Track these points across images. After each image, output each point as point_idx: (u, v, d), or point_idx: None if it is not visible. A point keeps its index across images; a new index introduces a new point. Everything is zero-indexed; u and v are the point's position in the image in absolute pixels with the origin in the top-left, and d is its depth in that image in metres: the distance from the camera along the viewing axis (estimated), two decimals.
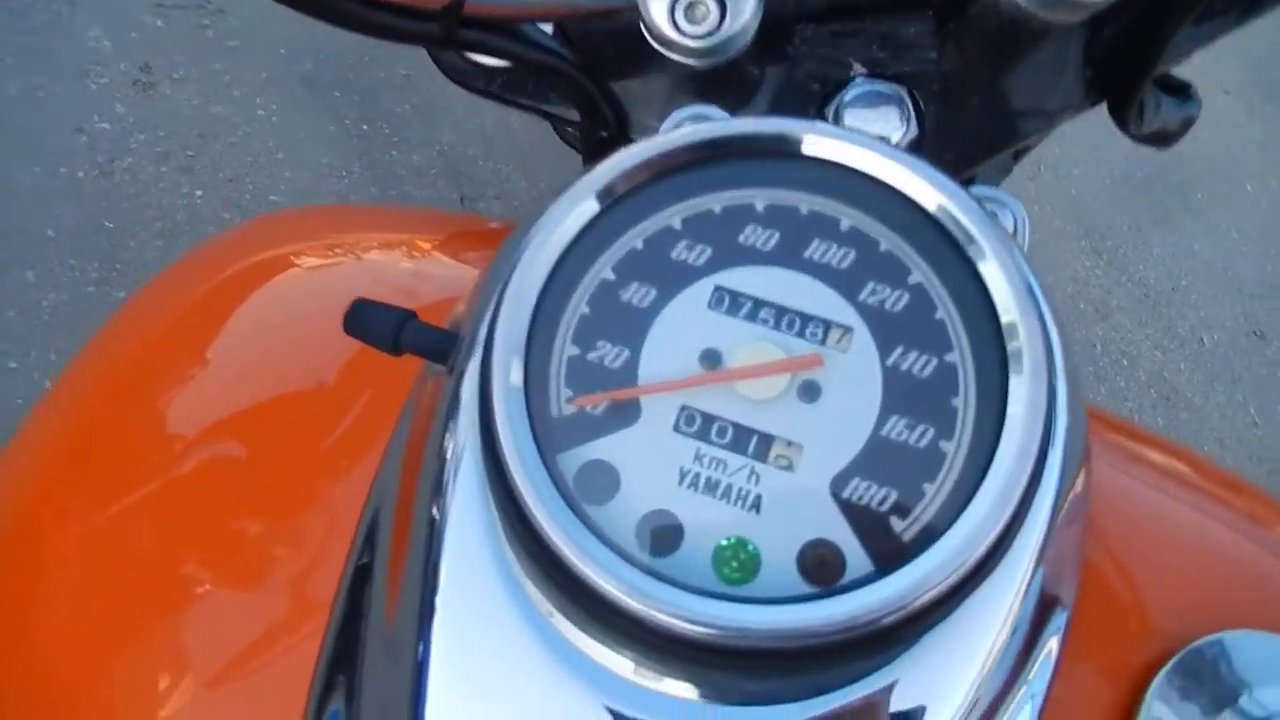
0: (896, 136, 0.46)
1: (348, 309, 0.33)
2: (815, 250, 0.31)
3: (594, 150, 0.52)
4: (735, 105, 0.47)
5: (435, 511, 0.30)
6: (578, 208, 0.31)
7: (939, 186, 0.31)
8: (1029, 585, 0.28)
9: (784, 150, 0.31)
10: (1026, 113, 0.49)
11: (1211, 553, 0.40)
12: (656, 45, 0.44)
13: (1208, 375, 2.13)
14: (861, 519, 0.27)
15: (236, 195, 1.73)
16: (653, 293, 0.30)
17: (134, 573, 0.44)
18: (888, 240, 0.30)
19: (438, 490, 0.30)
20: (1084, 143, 2.30)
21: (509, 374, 0.28)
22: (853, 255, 0.30)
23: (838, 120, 0.46)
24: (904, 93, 0.47)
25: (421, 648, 0.29)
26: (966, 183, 0.35)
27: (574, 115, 0.52)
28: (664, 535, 0.27)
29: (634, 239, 0.31)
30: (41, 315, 1.52)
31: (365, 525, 0.37)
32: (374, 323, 0.32)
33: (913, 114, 0.47)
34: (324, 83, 1.93)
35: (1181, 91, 0.51)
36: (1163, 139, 0.50)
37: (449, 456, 0.30)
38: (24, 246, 1.56)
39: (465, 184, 1.88)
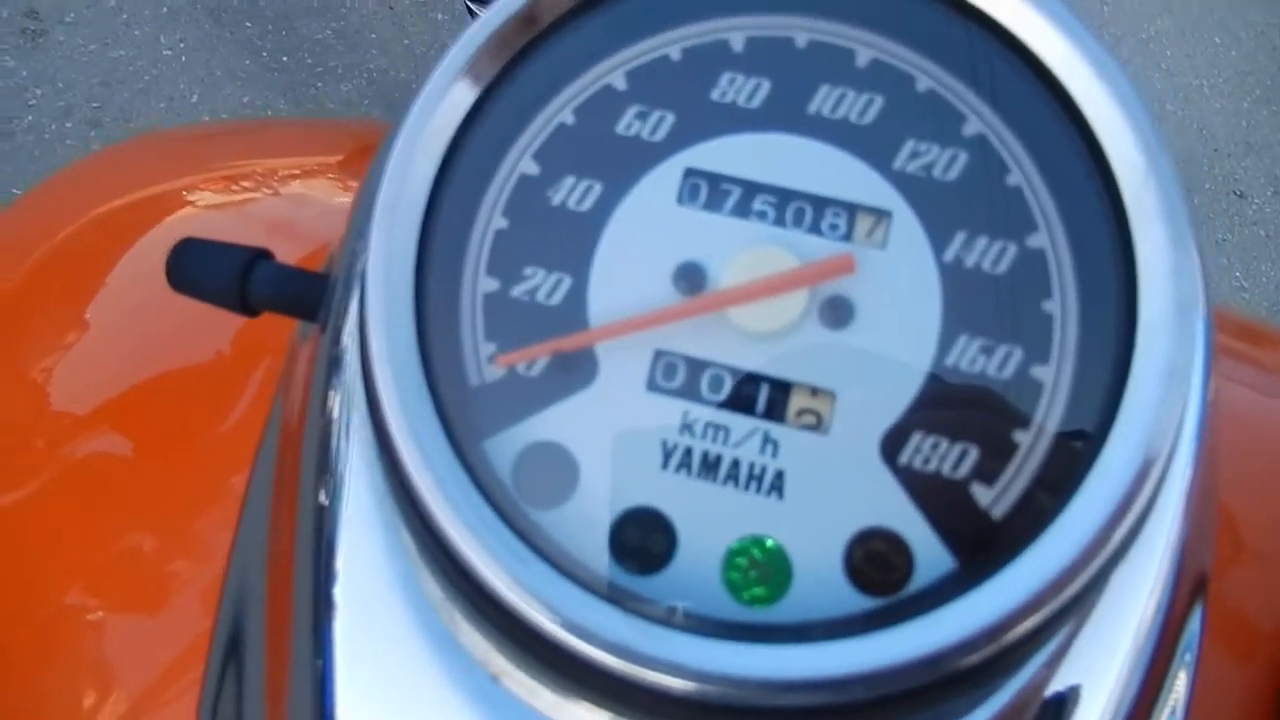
0: None
1: (171, 254, 0.23)
2: (824, 101, 0.21)
3: None
4: None
5: (322, 521, 0.21)
6: (469, 71, 0.21)
7: None
8: (1174, 554, 0.19)
9: None
10: None
11: None
12: None
13: None
14: (929, 493, 0.18)
15: None
16: (596, 188, 0.21)
17: (8, 606, 0.36)
18: (928, 74, 0.21)
19: (324, 489, 0.21)
20: None
21: (393, 328, 0.19)
22: (879, 103, 0.21)
23: None
24: None
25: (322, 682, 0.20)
26: None
27: None
28: (648, 545, 0.18)
29: (560, 110, 0.21)
30: None
31: (243, 523, 0.28)
32: (212, 270, 0.23)
33: None
34: (232, 12, 1.77)
35: None
36: None
37: (332, 445, 0.21)
38: None
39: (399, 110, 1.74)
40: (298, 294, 0.23)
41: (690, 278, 0.20)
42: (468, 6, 0.44)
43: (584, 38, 0.21)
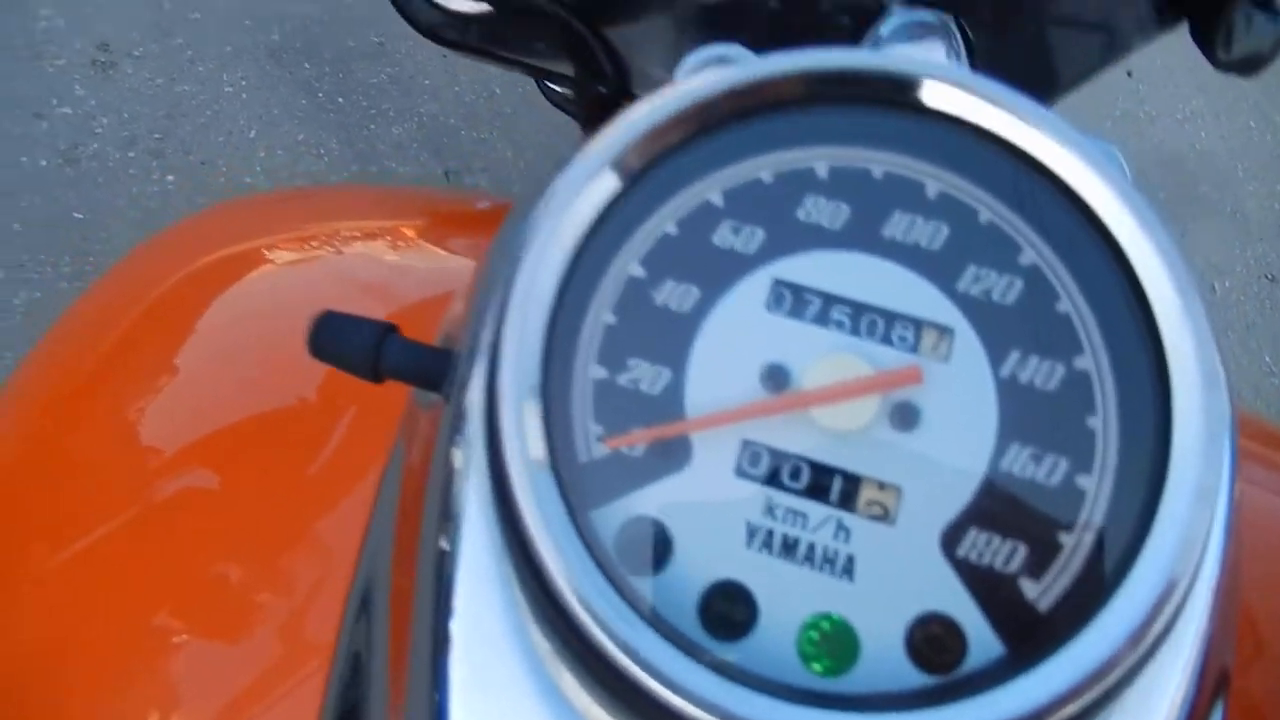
0: None
1: (312, 325, 0.26)
2: (896, 226, 0.24)
3: (593, 111, 0.46)
4: (756, 44, 0.40)
5: (442, 565, 0.24)
6: (591, 183, 0.24)
7: (1051, 132, 0.24)
8: (1200, 650, 0.22)
9: (857, 92, 0.25)
10: (1092, 40, 0.42)
11: None
12: None
13: (1220, 324, 2.07)
14: (983, 584, 0.21)
15: (210, 179, 1.64)
16: (695, 292, 0.24)
17: (96, 622, 0.39)
18: (990, 208, 0.24)
19: (445, 537, 0.24)
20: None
21: (523, 411, 0.22)
22: (945, 230, 0.24)
23: None
24: (950, 22, 0.40)
25: None
26: None
27: (565, 69, 0.45)
28: (733, 613, 0.21)
29: (664, 222, 0.24)
30: (14, 315, 1.44)
31: (359, 591, 0.31)
32: (346, 341, 0.26)
33: (962, 47, 0.40)
34: (293, 54, 1.84)
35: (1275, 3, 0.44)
36: (1252, 64, 0.43)
37: (453, 500, 0.24)
38: None
39: (449, 156, 1.80)
40: (423, 367, 0.26)
41: (776, 378, 0.23)
42: (539, 84, 0.46)
43: (690, 159, 0.25)
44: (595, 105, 0.45)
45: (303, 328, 0.43)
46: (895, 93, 0.24)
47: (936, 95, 0.25)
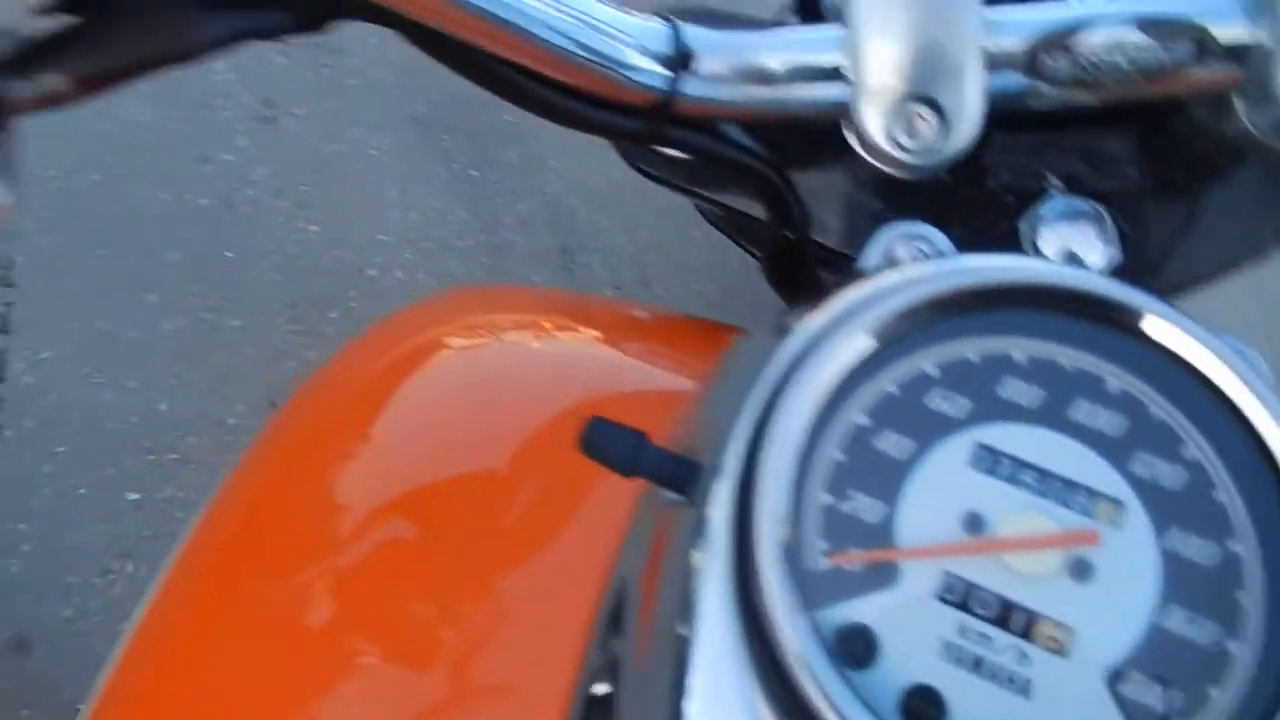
0: (1096, 259, 0.45)
1: (584, 428, 0.32)
2: (1081, 412, 0.30)
3: (777, 251, 0.52)
4: (928, 214, 0.46)
5: (682, 648, 0.29)
6: (845, 344, 0.30)
7: (1211, 345, 0.29)
8: None
9: (1065, 304, 0.31)
10: (1241, 239, 0.47)
11: None
12: (864, 153, 0.43)
13: None
14: (1141, 717, 0.26)
15: (347, 233, 1.77)
16: (910, 444, 0.29)
17: (306, 648, 0.44)
18: (1160, 407, 0.29)
19: (683, 622, 0.29)
20: None
21: (775, 528, 0.27)
22: (1122, 421, 0.29)
23: (1034, 236, 0.45)
24: (1104, 211, 0.45)
25: None
26: None
27: (756, 211, 0.52)
28: (927, 714, 0.26)
29: (889, 383, 0.30)
30: (161, 339, 1.57)
31: (594, 652, 0.36)
32: (610, 444, 0.32)
33: (1115, 235, 0.45)
34: (435, 125, 1.98)
35: None
36: None
37: (693, 604, 0.29)
38: (148, 269, 1.62)
39: (567, 235, 1.90)
40: (673, 474, 0.32)
41: (974, 523, 0.28)
42: (678, 187, 0.51)
43: (918, 334, 0.30)
44: (778, 246, 0.51)
45: (503, 408, 0.50)
46: (1097, 310, 0.30)
47: (1134, 318, 0.30)
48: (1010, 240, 0.43)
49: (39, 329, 1.53)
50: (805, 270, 0.52)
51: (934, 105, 0.40)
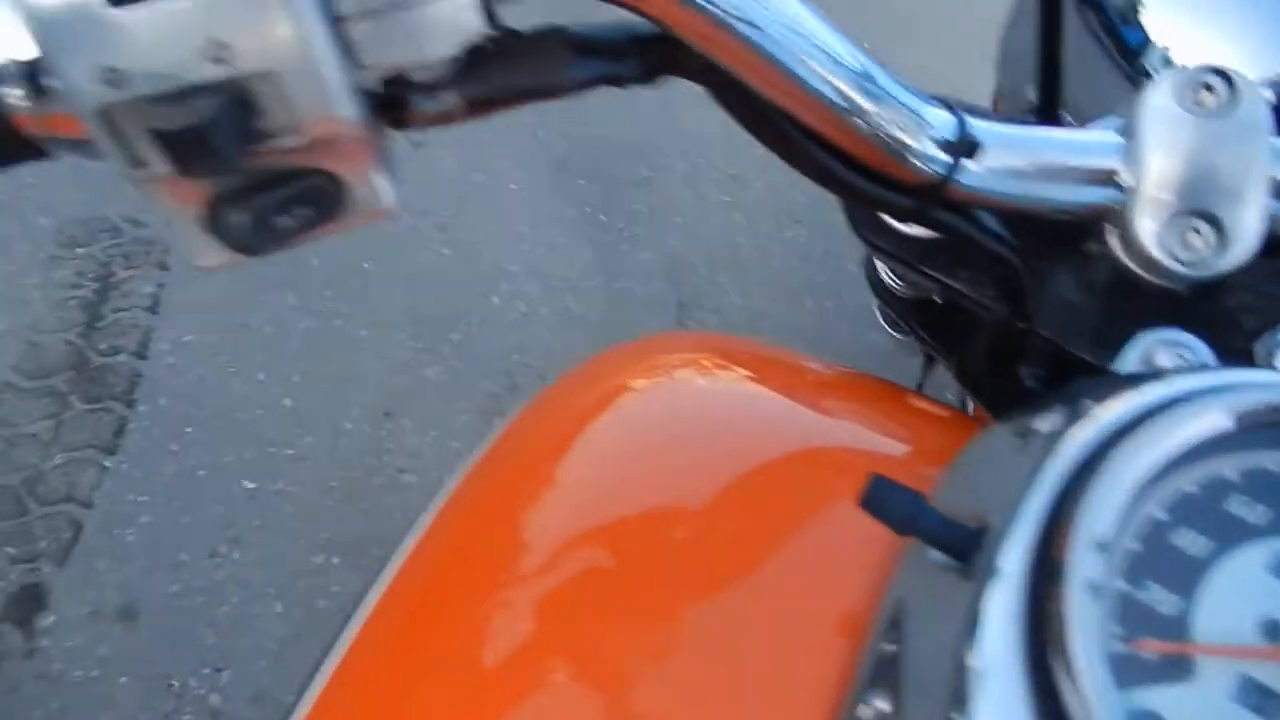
0: None
1: (866, 485, 0.34)
2: None
3: (992, 341, 0.53)
4: (1174, 323, 0.47)
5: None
6: (1153, 444, 0.31)
7: None
8: None
9: None
10: None
11: None
12: (1126, 258, 0.44)
13: None
14: None
15: (477, 260, 1.83)
16: (1208, 543, 0.30)
17: (512, 674, 0.45)
18: None
19: (958, 701, 0.30)
20: None
21: (1086, 609, 0.28)
22: None
23: (1271, 359, 0.45)
24: None
25: None
26: None
27: (983, 296, 0.53)
28: None
29: (1188, 482, 0.31)
30: (293, 337, 1.63)
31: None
32: (890, 502, 0.33)
33: None
34: (573, 168, 2.04)
35: None
36: None
37: (971, 665, 0.30)
38: (292, 270, 1.69)
39: (685, 289, 1.93)
40: (953, 540, 0.33)
41: (1274, 632, 0.29)
42: (903, 260, 0.52)
43: (1222, 440, 0.31)
44: (996, 337, 0.52)
45: (715, 453, 0.51)
46: None
47: None
48: (1244, 359, 0.43)
49: (185, 313, 1.61)
50: (1009, 366, 0.53)
51: (1213, 221, 0.41)
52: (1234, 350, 0.45)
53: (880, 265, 0.77)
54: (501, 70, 0.32)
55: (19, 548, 1.35)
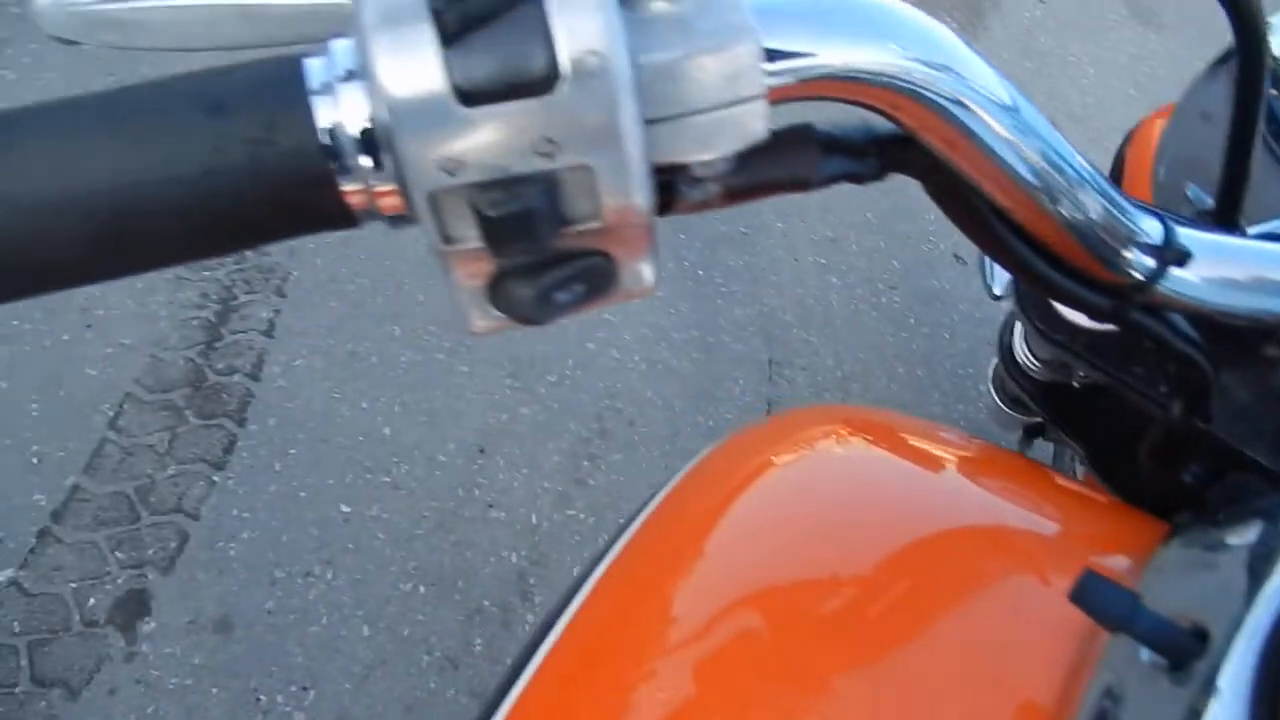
0: None
1: (1079, 580, 0.34)
2: None
3: (1166, 431, 0.52)
4: None
5: None
6: None
7: None
8: None
9: None
10: None
11: None
12: None
13: None
14: None
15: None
16: None
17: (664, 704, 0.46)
18: None
19: None
20: None
21: None
22: None
23: None
24: None
25: None
26: None
27: (1154, 391, 0.53)
28: None
29: None
30: (397, 368, 1.68)
31: None
32: (1104, 599, 0.34)
33: None
34: (674, 222, 2.07)
35: None
36: None
37: None
38: (398, 304, 1.75)
39: (777, 347, 1.94)
40: (1171, 642, 0.33)
41: None
42: (1074, 352, 0.50)
43: None
44: (1169, 435, 0.51)
45: (862, 523, 0.52)
46: None
47: None
48: None
49: (297, 339, 1.67)
50: (1172, 460, 0.53)
51: None
52: None
53: (1018, 346, 0.77)
54: (759, 165, 0.33)
55: (128, 553, 1.40)
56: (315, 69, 0.27)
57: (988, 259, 1.04)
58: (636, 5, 0.28)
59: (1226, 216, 0.60)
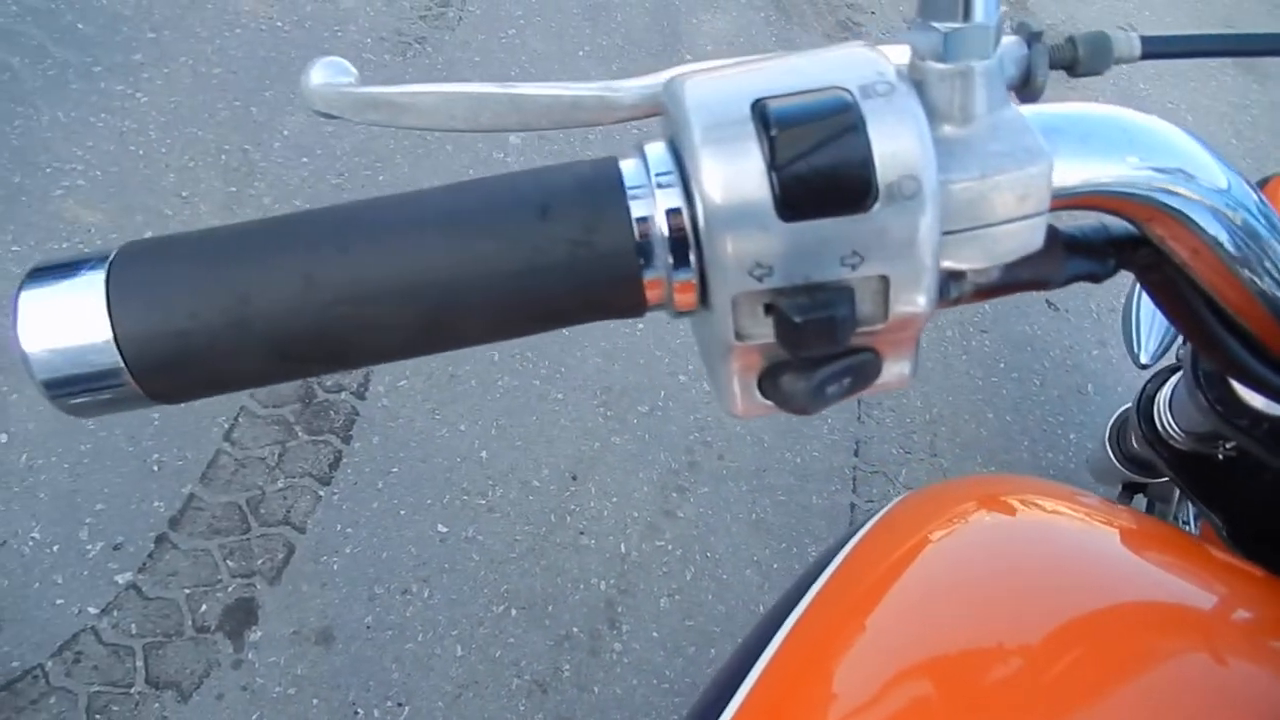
0: None
1: None
2: None
3: None
4: None
5: None
6: None
7: None
8: None
9: None
10: None
11: None
12: None
13: None
14: None
15: (669, 340, 1.89)
16: None
17: None
18: None
19: None
20: None
21: None
22: None
23: None
24: None
25: None
26: None
27: None
28: None
29: None
30: (494, 392, 1.72)
31: None
32: None
33: None
34: None
35: None
36: None
37: None
38: None
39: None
40: None
41: None
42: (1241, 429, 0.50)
43: None
44: None
45: (1034, 589, 0.53)
46: None
47: None
48: None
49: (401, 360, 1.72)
50: None
51: None
52: None
53: (1162, 413, 0.77)
54: (1014, 266, 0.35)
55: (238, 563, 1.45)
56: (631, 172, 0.30)
57: (1136, 324, 1.05)
58: (934, 125, 0.30)
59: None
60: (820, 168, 0.27)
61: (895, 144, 0.27)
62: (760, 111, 0.28)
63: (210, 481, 1.52)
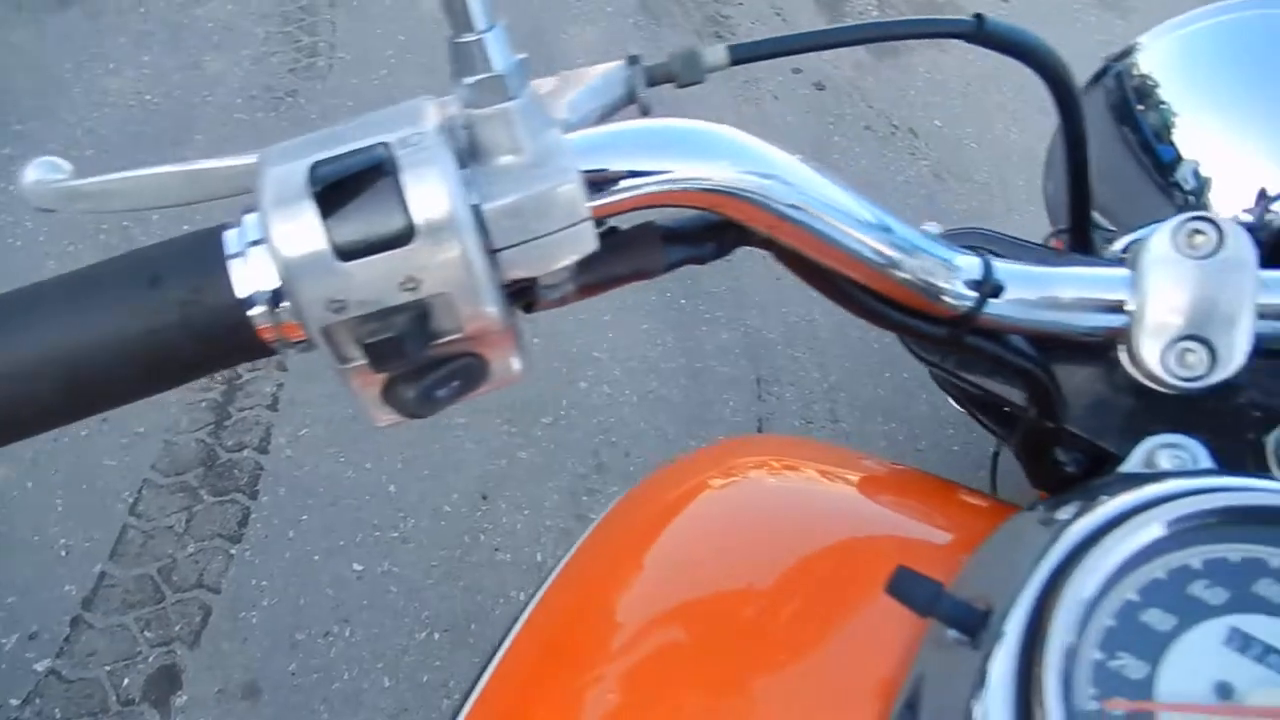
0: None
1: (892, 575, 0.40)
2: None
3: (1028, 434, 0.58)
4: (1181, 418, 0.51)
5: None
6: (1136, 536, 0.37)
7: None
8: None
9: None
10: None
11: None
12: (1135, 372, 0.49)
13: None
14: None
15: (567, 347, 1.94)
16: (1172, 620, 0.35)
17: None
18: None
19: None
20: None
21: (1064, 673, 0.34)
22: None
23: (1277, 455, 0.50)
24: None
25: None
26: None
27: (1015, 398, 0.58)
28: None
29: (1159, 570, 0.37)
30: (397, 427, 1.75)
31: None
32: (913, 589, 0.39)
33: None
34: None
35: None
36: None
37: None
38: None
39: (763, 366, 2.00)
40: (964, 621, 0.39)
41: (1225, 692, 0.34)
42: (947, 371, 0.54)
43: (1189, 534, 0.37)
44: (1032, 432, 0.57)
45: (774, 541, 0.58)
46: None
47: None
48: (1256, 451, 0.48)
49: (301, 409, 1.75)
50: (1050, 453, 0.58)
51: (1206, 344, 0.47)
52: (1242, 445, 0.50)
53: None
54: (608, 261, 0.40)
55: (156, 632, 1.48)
56: (231, 239, 0.35)
57: None
58: (486, 159, 0.35)
59: (1078, 230, 0.66)
60: (363, 213, 0.32)
61: (425, 185, 0.33)
62: (312, 172, 0.33)
63: (120, 557, 1.54)
